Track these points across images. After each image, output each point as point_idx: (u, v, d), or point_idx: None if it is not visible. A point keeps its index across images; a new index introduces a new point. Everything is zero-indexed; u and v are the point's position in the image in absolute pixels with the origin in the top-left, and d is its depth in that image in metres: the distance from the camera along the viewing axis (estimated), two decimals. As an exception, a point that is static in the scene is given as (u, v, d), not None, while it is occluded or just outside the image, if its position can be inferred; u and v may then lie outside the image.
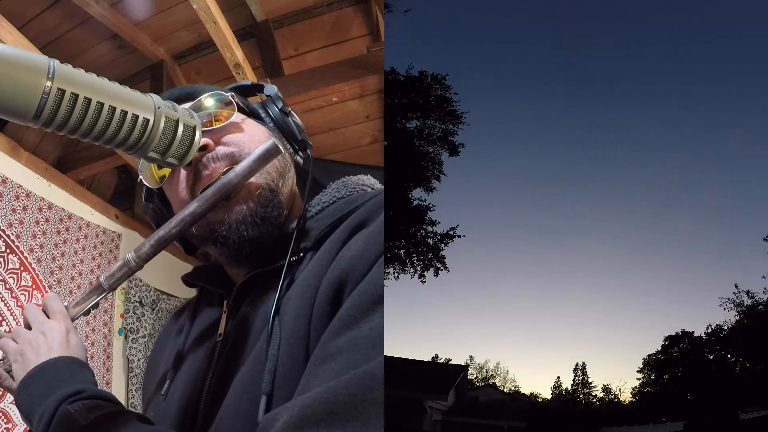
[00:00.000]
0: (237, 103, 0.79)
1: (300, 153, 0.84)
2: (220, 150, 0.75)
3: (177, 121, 0.70)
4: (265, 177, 0.74)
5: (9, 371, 0.75)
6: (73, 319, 0.77)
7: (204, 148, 0.73)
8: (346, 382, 0.50)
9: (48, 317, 0.76)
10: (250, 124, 0.80)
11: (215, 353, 0.74)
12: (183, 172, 0.75)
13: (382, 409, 0.49)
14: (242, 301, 0.74)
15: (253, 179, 0.72)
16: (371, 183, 0.82)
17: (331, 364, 0.53)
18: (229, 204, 0.71)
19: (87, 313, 0.77)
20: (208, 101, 0.78)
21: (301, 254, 0.71)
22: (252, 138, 0.77)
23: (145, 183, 0.81)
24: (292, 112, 0.85)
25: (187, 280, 0.87)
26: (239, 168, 0.71)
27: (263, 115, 0.83)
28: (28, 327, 0.76)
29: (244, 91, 0.87)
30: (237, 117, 0.78)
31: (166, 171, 0.78)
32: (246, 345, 0.68)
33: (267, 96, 0.85)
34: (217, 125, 0.76)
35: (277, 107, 0.83)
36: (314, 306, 0.62)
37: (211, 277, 0.84)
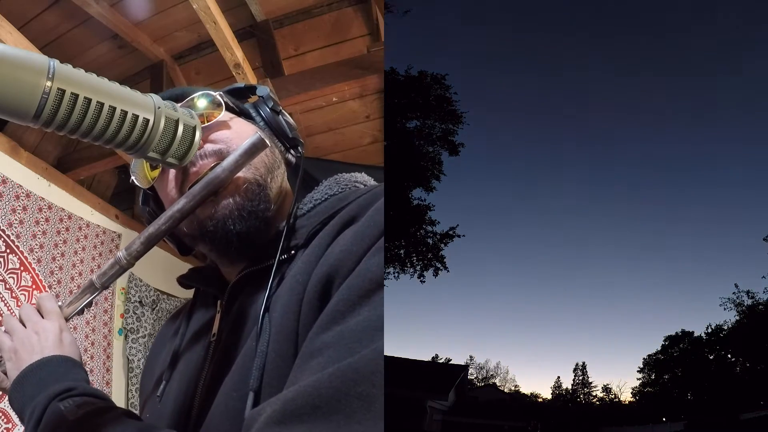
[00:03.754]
0: (226, 103, 0.79)
1: (291, 151, 0.85)
2: (208, 147, 0.75)
3: (177, 121, 0.70)
4: (253, 172, 0.74)
5: (6, 373, 0.76)
6: (67, 319, 0.77)
7: None
8: (330, 376, 0.50)
9: (42, 317, 0.76)
10: (238, 122, 0.80)
11: (209, 353, 0.74)
12: (172, 171, 0.76)
13: (370, 404, 0.49)
14: (235, 300, 0.75)
15: (240, 174, 0.72)
16: (364, 180, 0.82)
17: (318, 359, 0.53)
18: (216, 199, 0.72)
19: (81, 312, 0.78)
20: (199, 101, 0.79)
21: (293, 252, 0.71)
22: (240, 135, 0.77)
23: (136, 183, 0.82)
24: (283, 111, 0.86)
25: (182, 281, 0.87)
26: (226, 163, 0.71)
27: (254, 114, 0.84)
28: (23, 326, 0.76)
29: (238, 94, 0.87)
30: (225, 115, 0.79)
31: (159, 171, 0.79)
32: (238, 344, 0.69)
33: (259, 96, 0.86)
34: (206, 124, 0.77)
35: (268, 106, 0.84)
36: (303, 302, 0.62)
37: (205, 277, 0.84)
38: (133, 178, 0.82)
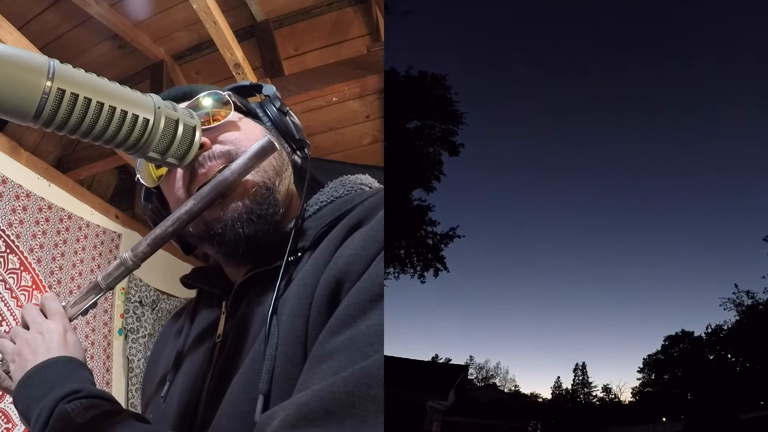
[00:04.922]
0: (234, 103, 0.79)
1: (298, 152, 0.84)
2: (217, 148, 0.75)
3: (177, 121, 0.70)
4: (262, 175, 0.74)
5: (8, 372, 0.75)
6: (71, 319, 0.77)
7: (201, 147, 0.73)
8: (343, 380, 0.50)
9: (46, 317, 0.76)
10: (247, 123, 0.80)
11: (214, 354, 0.74)
12: (179, 171, 0.75)
13: (381, 408, 0.49)
14: (240, 301, 0.74)
15: (249, 177, 0.72)
16: (369, 182, 0.82)
17: (329, 363, 0.53)
18: (224, 202, 0.71)
19: (85, 313, 0.77)
20: (206, 100, 0.78)
21: (299, 254, 0.71)
22: (249, 136, 0.76)
23: (142, 182, 0.81)
24: (290, 111, 0.85)
25: (186, 281, 0.86)
26: (235, 165, 0.71)
27: (261, 114, 0.83)
28: (26, 327, 0.76)
29: (243, 92, 0.87)
30: (234, 116, 0.78)
31: (164, 170, 0.78)
32: (244, 346, 0.68)
33: (265, 96, 0.85)
34: (214, 124, 0.77)
35: (275, 106, 0.83)
36: (312, 305, 0.62)
37: (209, 278, 0.84)
38: (138, 176, 0.82)
